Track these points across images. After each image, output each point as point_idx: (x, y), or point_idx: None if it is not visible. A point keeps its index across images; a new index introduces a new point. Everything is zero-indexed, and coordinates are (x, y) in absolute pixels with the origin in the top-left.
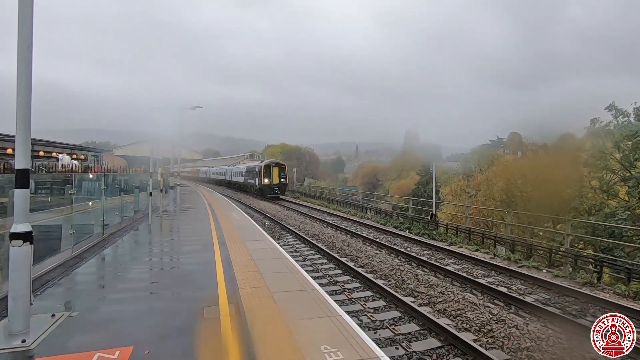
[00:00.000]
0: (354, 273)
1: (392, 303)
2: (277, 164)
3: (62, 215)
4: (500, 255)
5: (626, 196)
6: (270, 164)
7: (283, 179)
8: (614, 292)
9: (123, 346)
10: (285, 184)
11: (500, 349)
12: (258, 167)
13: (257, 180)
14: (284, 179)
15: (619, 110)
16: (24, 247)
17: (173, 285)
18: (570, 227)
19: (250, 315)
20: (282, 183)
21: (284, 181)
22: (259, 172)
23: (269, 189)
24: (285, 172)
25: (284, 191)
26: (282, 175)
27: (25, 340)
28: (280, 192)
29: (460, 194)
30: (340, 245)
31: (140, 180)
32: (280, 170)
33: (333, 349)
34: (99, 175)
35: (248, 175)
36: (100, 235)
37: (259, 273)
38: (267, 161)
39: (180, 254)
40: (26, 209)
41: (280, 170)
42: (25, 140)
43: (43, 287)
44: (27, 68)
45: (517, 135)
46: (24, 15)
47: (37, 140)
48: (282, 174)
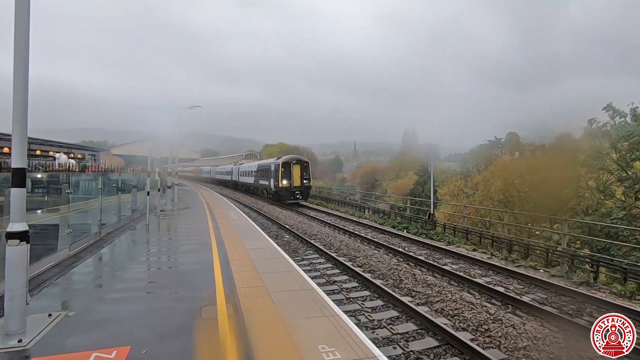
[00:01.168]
0: (352, 272)
1: (390, 302)
2: (299, 160)
3: (59, 214)
4: (498, 255)
5: (622, 196)
6: (290, 161)
7: (306, 180)
8: (610, 291)
9: (120, 346)
10: (308, 187)
11: (498, 349)
12: (274, 166)
13: (272, 182)
14: (307, 179)
15: (616, 110)
16: (21, 247)
17: (171, 284)
18: (567, 227)
19: (248, 314)
20: (304, 185)
21: (307, 183)
22: (275, 172)
23: (289, 192)
24: (309, 172)
25: (307, 196)
26: (305, 176)
27: (22, 340)
28: (302, 197)
29: (458, 193)
30: (338, 245)
31: (137, 179)
32: (302, 169)
33: (331, 349)
34: (96, 175)
35: (260, 175)
36: (97, 234)
37: (257, 273)
38: (286, 157)
39: (177, 253)
40: (23, 208)
41: (303, 169)
42: (21, 139)
43: (40, 286)
44: (24, 66)
45: (515, 135)
46: (20, 14)
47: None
48: (305, 173)
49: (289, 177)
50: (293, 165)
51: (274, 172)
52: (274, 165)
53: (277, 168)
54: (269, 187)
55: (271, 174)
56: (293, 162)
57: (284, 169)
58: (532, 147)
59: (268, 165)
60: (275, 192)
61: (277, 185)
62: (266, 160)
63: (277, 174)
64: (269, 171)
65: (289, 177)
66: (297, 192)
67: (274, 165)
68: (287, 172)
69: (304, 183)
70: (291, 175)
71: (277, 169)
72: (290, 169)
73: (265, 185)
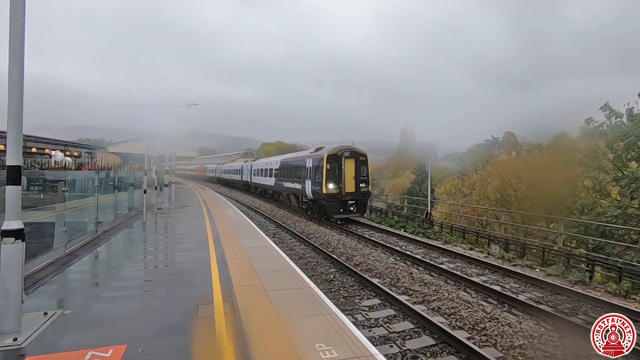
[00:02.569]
0: (349, 271)
1: (387, 301)
2: (354, 153)
3: (55, 212)
4: (494, 254)
5: (618, 196)
6: (339, 152)
7: (364, 182)
8: (606, 290)
9: (116, 344)
10: (367, 194)
11: (494, 347)
12: (312, 161)
13: (308, 185)
14: (366, 182)
15: (613, 110)
16: (16, 245)
17: (167, 283)
18: (563, 226)
19: (245, 313)
20: (361, 191)
21: (364, 187)
22: (313, 170)
23: (338, 203)
24: (368, 170)
25: (366, 208)
26: (363, 176)
27: (17, 339)
28: (359, 212)
29: (455, 193)
30: (336, 244)
31: (134, 177)
32: (359, 166)
33: (328, 347)
34: (93, 172)
35: (286, 175)
36: (93, 232)
37: (254, 271)
38: (333, 148)
39: (175, 251)
40: (18, 206)
41: (361, 166)
42: (17, 136)
43: (35, 285)
44: (20, 64)
45: (512, 134)
46: (16, 11)
47: (30, 137)
48: (363, 173)
49: (338, 178)
50: (345, 159)
51: (311, 170)
52: (311, 160)
53: (319, 164)
54: (304, 191)
55: (306, 173)
56: (345, 154)
57: (331, 166)
58: (529, 146)
59: (300, 161)
60: (314, 201)
61: (319, 191)
62: (297, 154)
63: (318, 174)
64: (302, 169)
65: (338, 178)
66: (351, 202)
67: (313, 160)
68: (335, 170)
69: (360, 188)
70: (342, 176)
71: (319, 166)
72: (341, 166)
73: (294, 190)
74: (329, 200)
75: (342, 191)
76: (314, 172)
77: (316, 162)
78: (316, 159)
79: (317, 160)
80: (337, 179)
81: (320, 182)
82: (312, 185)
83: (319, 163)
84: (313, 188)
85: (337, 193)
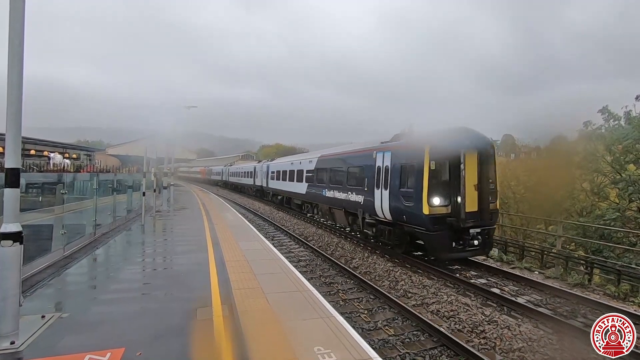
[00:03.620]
0: (347, 274)
1: (386, 304)
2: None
3: (54, 214)
4: (493, 256)
5: (617, 198)
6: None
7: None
8: (604, 293)
9: (114, 348)
10: (496, 212)
11: (493, 350)
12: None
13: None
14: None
15: (611, 113)
16: (14, 247)
17: (166, 286)
18: (562, 228)
19: (243, 316)
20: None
21: (493, 204)
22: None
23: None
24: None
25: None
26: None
27: (14, 342)
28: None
29: None
30: (335, 247)
31: (133, 179)
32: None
33: (326, 350)
34: (92, 175)
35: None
36: (92, 235)
37: (252, 274)
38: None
39: (173, 254)
40: (16, 209)
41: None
42: (15, 138)
43: (33, 287)
44: (19, 65)
45: (510, 137)
46: (15, 11)
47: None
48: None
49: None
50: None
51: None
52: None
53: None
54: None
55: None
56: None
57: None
58: (528, 149)
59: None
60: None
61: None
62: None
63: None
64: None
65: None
66: (473, 230)
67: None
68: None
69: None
70: (461, 184)
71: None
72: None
73: (347, 203)
74: (435, 228)
75: (459, 211)
76: (398, 176)
77: (402, 159)
78: (402, 152)
79: (404, 156)
80: (451, 190)
81: (416, 194)
82: (393, 200)
83: (412, 161)
84: (395, 204)
85: (449, 214)
